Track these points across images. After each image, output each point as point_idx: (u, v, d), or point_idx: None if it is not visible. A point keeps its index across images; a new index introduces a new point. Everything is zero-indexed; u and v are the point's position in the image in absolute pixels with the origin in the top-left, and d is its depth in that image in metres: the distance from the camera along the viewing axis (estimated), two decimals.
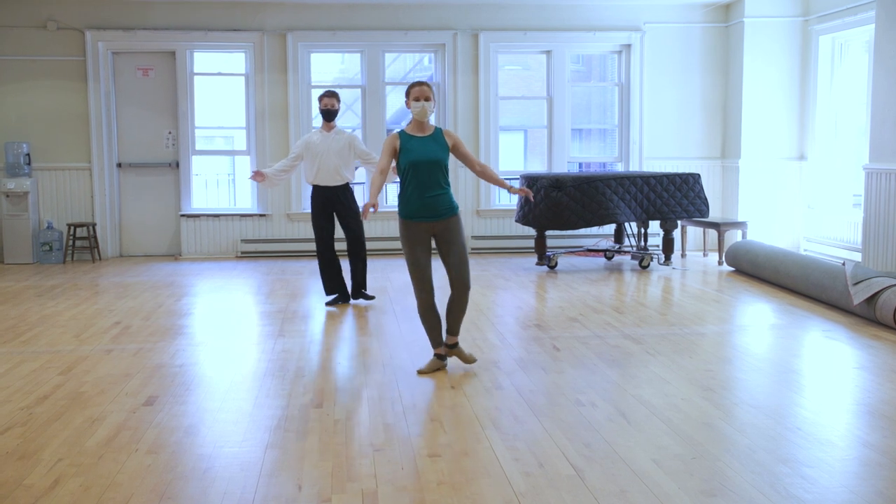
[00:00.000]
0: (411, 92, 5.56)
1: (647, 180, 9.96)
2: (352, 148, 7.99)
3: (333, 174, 7.92)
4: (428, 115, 5.56)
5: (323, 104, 8.04)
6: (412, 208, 5.51)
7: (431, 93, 5.56)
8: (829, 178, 11.02)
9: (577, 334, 6.72)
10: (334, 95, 8.10)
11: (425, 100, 5.52)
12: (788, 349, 6.42)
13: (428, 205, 5.50)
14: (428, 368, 5.74)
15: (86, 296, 8.68)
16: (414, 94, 5.54)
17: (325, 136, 7.99)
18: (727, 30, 11.77)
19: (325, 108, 8.02)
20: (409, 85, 5.62)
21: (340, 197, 7.98)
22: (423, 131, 5.59)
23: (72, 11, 11.15)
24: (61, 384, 5.43)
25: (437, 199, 5.51)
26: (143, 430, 4.54)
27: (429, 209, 5.51)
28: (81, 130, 11.30)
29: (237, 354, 6.29)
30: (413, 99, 5.54)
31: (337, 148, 7.92)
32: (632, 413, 4.77)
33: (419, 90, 5.53)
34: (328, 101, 8.03)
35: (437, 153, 5.53)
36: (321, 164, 7.91)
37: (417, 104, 5.52)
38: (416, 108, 5.53)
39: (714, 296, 8.54)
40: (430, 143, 5.55)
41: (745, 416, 4.71)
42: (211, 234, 11.57)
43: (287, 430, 4.55)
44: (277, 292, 8.86)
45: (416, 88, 5.54)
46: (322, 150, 7.92)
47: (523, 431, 4.49)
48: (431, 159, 5.49)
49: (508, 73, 15.65)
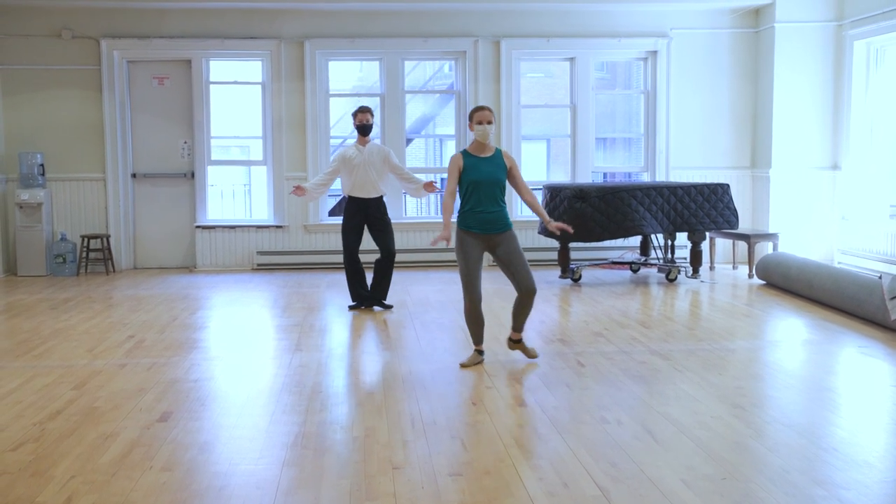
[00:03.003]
0: (474, 116, 6.18)
1: (675, 190, 9.92)
2: (386, 162, 8.40)
3: (370, 187, 8.34)
4: (489, 138, 6.17)
5: (357, 120, 8.43)
6: (471, 222, 6.13)
7: (493, 116, 6.20)
8: (865, 187, 10.94)
9: (603, 350, 6.69)
10: (368, 111, 8.48)
11: (487, 123, 6.14)
12: (823, 366, 6.36)
13: (486, 220, 6.12)
14: (469, 362, 6.31)
15: (99, 309, 8.74)
16: (477, 118, 6.16)
17: (360, 151, 8.37)
18: (757, 35, 11.72)
19: (359, 123, 8.42)
20: (472, 109, 6.24)
21: (374, 209, 8.36)
22: (484, 152, 6.20)
23: (87, 20, 11.26)
24: (74, 399, 5.46)
25: (494, 215, 6.13)
26: (157, 446, 4.56)
27: (486, 224, 6.12)
28: (96, 140, 11.39)
29: (253, 369, 6.31)
30: (476, 122, 6.16)
31: (373, 162, 8.33)
32: (659, 431, 4.74)
33: (482, 114, 6.16)
34: (362, 116, 8.42)
35: (496, 174, 6.15)
36: (357, 177, 8.31)
37: (480, 127, 6.15)
38: (478, 131, 6.15)
39: (744, 310, 8.48)
40: (491, 163, 6.16)
41: (778, 436, 4.67)
42: (226, 245, 11.62)
43: (304, 447, 4.55)
44: (294, 305, 8.88)
45: (479, 113, 6.17)
46: (359, 163, 8.30)
47: (547, 450, 4.47)
48: (492, 179, 6.12)
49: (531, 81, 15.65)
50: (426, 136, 16.96)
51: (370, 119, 8.44)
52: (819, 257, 11.02)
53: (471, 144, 6.25)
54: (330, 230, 11.64)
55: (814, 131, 11.34)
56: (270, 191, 11.70)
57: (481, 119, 6.14)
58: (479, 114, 6.16)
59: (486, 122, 6.13)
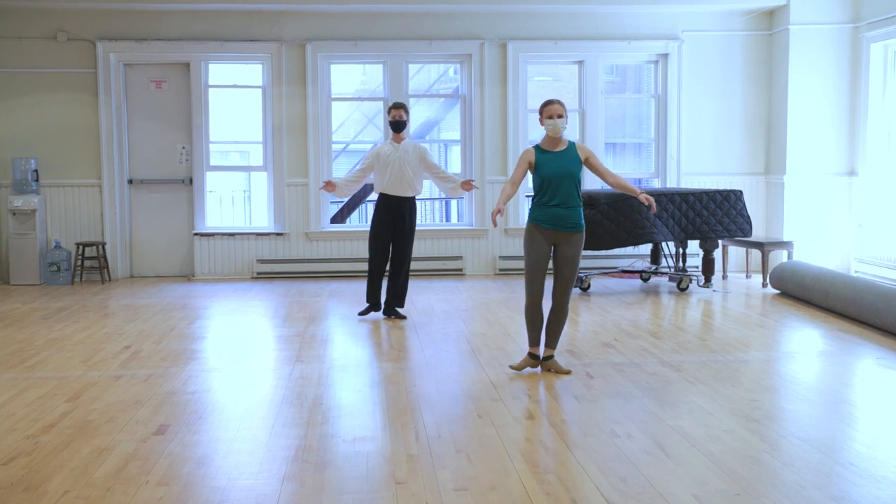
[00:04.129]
0: (545, 110, 6.20)
1: (686, 197, 9.91)
2: (422, 160, 8.40)
3: (404, 185, 8.34)
4: (561, 132, 6.18)
5: (391, 115, 8.45)
6: (541, 216, 6.18)
7: (564, 110, 6.19)
8: (882, 194, 10.92)
9: (612, 361, 6.67)
10: (402, 107, 8.49)
11: (558, 117, 6.14)
12: (839, 378, 6.34)
13: (557, 215, 6.15)
14: (520, 365, 6.37)
15: (94, 318, 8.75)
16: (547, 113, 6.18)
17: (395, 148, 8.37)
18: (771, 38, 11.73)
19: (393, 119, 8.43)
20: (543, 103, 6.26)
21: (405, 210, 8.37)
22: (557, 146, 6.22)
23: (82, 22, 11.30)
24: (68, 412, 5.45)
25: (567, 211, 6.14)
26: (153, 460, 4.55)
27: (557, 219, 6.15)
28: (91, 145, 11.41)
29: (252, 381, 6.30)
30: (546, 117, 6.18)
31: (408, 159, 8.33)
32: (671, 445, 4.73)
33: (553, 108, 6.17)
34: (396, 112, 8.43)
35: (570, 168, 6.15)
36: (392, 175, 8.31)
37: (551, 122, 6.16)
38: (549, 125, 6.17)
39: (758, 320, 8.47)
40: (564, 157, 6.18)
41: (793, 450, 4.65)
42: (225, 253, 11.63)
43: (305, 461, 4.54)
44: (295, 315, 8.88)
45: (550, 107, 6.19)
46: (393, 160, 8.31)
47: (555, 464, 4.46)
48: (565, 173, 6.12)
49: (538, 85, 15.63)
50: (431, 140, 16.93)
51: (404, 115, 8.43)
52: (835, 266, 11.00)
53: (543, 139, 6.27)
54: (332, 238, 11.65)
55: (829, 136, 11.33)
56: (271, 197, 11.71)
57: (552, 113, 6.15)
58: (550, 108, 6.18)
59: (557, 115, 6.13)
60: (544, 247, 6.21)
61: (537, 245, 6.21)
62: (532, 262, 6.23)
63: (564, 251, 6.20)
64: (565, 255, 6.20)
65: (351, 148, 16.42)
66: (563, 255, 6.21)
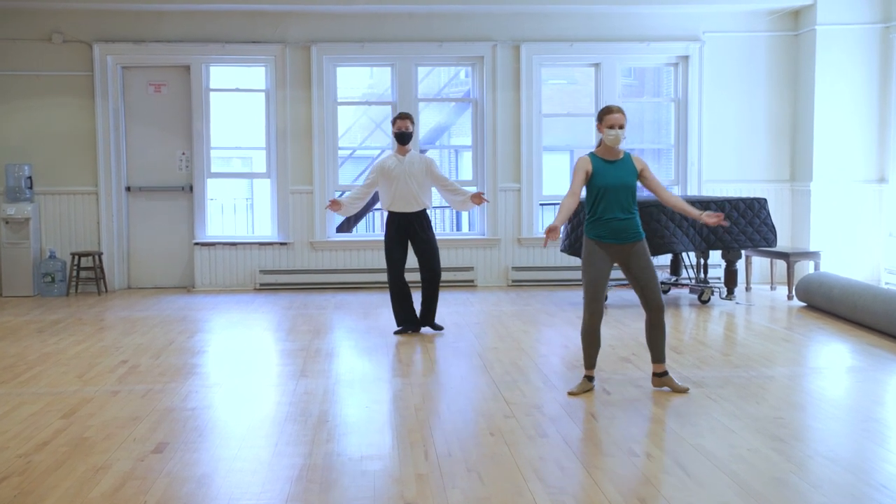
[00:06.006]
0: (605, 119, 6.13)
1: (707, 206, 9.88)
2: (429, 172, 8.30)
3: (411, 200, 8.24)
4: (621, 143, 6.14)
5: (396, 126, 8.35)
6: (602, 231, 6.11)
7: (625, 119, 6.14)
8: None
9: (630, 376, 6.66)
10: (408, 117, 8.39)
11: (619, 127, 6.09)
12: (869, 395, 6.32)
13: (617, 228, 6.09)
14: (578, 389, 6.24)
15: (90, 332, 8.77)
16: (608, 122, 6.11)
17: (400, 161, 8.27)
18: (797, 39, 11.72)
19: (398, 130, 8.33)
20: (602, 110, 6.22)
21: (416, 224, 8.27)
22: (614, 156, 6.17)
23: (78, 23, 11.36)
24: (63, 429, 5.47)
25: (626, 222, 6.10)
26: (151, 479, 4.56)
27: (618, 232, 6.10)
28: (88, 151, 11.46)
29: (255, 397, 6.31)
30: (607, 126, 6.11)
31: (414, 172, 8.23)
32: (692, 465, 4.71)
33: (614, 118, 6.10)
34: (402, 123, 8.33)
35: (627, 178, 6.13)
36: (397, 189, 8.21)
37: (612, 132, 6.09)
38: (610, 135, 6.10)
39: (783, 334, 8.44)
40: (622, 168, 6.15)
41: (821, 471, 4.63)
42: (227, 264, 11.66)
43: (310, 480, 4.54)
44: (299, 328, 8.89)
45: (611, 116, 6.12)
46: (398, 174, 8.22)
47: (570, 484, 4.45)
48: (625, 184, 6.10)
49: (553, 88, 15.67)
50: (441, 146, 16.98)
51: (410, 126, 8.33)
52: (864, 277, 10.97)
53: (598, 147, 6.23)
54: (338, 248, 11.67)
55: (858, 142, 11.31)
56: (274, 205, 11.74)
57: (613, 123, 6.09)
58: (611, 117, 6.11)
59: (619, 126, 6.08)
60: (606, 264, 6.12)
61: (598, 262, 6.12)
62: (593, 281, 6.12)
63: (634, 263, 6.12)
64: (637, 265, 6.12)
65: (358, 154, 16.46)
66: (636, 266, 6.12)
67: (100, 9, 11.26)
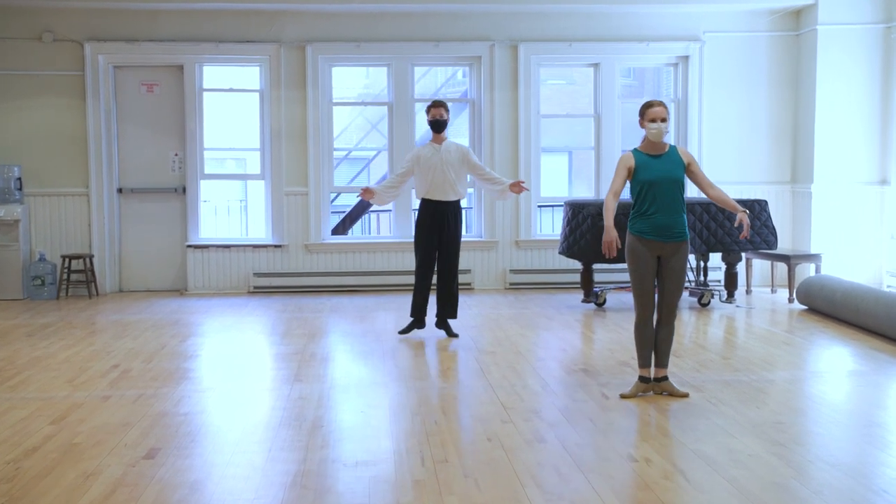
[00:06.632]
0: (647, 113, 6.13)
1: (707, 208, 9.91)
2: (465, 161, 8.32)
3: (447, 189, 8.26)
4: (664, 136, 6.11)
5: (431, 115, 8.36)
6: (645, 227, 6.09)
7: (667, 112, 6.13)
8: None
9: (629, 380, 6.65)
10: (442, 105, 8.41)
11: (661, 121, 6.08)
12: (871, 399, 6.32)
13: (663, 225, 6.07)
14: (632, 392, 6.23)
15: (81, 336, 8.76)
16: (650, 116, 6.11)
17: (436, 150, 8.30)
18: (798, 39, 11.74)
19: (433, 118, 8.35)
20: (643, 104, 6.21)
21: (450, 215, 8.28)
22: (658, 150, 6.16)
23: (70, 22, 11.35)
24: (52, 435, 5.46)
25: (672, 219, 6.07)
26: (143, 486, 4.56)
27: (664, 229, 6.07)
28: (79, 152, 11.44)
29: (248, 401, 6.31)
30: (649, 120, 6.11)
31: (451, 161, 8.25)
32: (691, 470, 4.72)
33: (656, 111, 6.10)
34: (436, 111, 8.35)
35: (675, 171, 6.12)
36: (434, 178, 8.23)
37: (654, 125, 6.09)
38: (652, 129, 6.10)
39: (784, 338, 8.45)
40: (668, 161, 6.14)
41: (822, 476, 4.64)
42: (220, 266, 11.65)
43: (304, 486, 4.54)
44: (294, 332, 8.88)
45: (652, 110, 6.12)
46: (435, 163, 8.24)
47: (569, 490, 4.45)
48: (671, 178, 6.09)
49: (551, 89, 15.69)
50: None
51: (445, 115, 8.34)
52: (866, 280, 10.97)
53: (642, 142, 6.21)
54: (333, 250, 11.67)
55: (860, 143, 11.32)
56: (269, 207, 11.73)
57: (655, 116, 6.08)
58: (653, 110, 6.10)
59: (661, 119, 6.06)
60: (651, 260, 6.10)
61: (643, 259, 6.10)
62: (640, 278, 6.12)
63: (672, 264, 6.10)
64: (672, 267, 6.10)
65: (353, 155, 16.47)
66: (671, 268, 6.10)
67: (91, 7, 11.25)
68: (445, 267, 8.35)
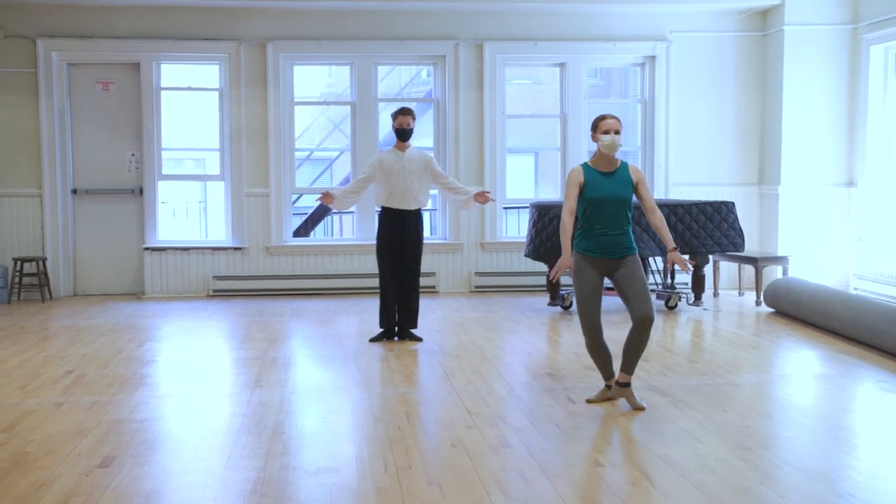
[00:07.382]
0: (600, 125, 6.02)
1: (674, 209, 9.98)
2: (429, 170, 8.31)
3: (409, 197, 8.24)
4: (617, 150, 6.00)
5: (397, 122, 8.32)
6: (593, 244, 6.02)
7: (621, 125, 6.02)
8: (883, 206, 11.03)
9: (596, 385, 6.68)
10: (409, 113, 8.37)
11: (615, 133, 5.97)
12: (838, 403, 6.39)
13: (607, 243, 6.00)
14: (598, 397, 6.25)
15: (34, 341, 8.67)
16: (603, 128, 5.99)
17: (399, 157, 8.27)
18: (765, 39, 11.85)
19: (400, 126, 8.31)
20: (596, 118, 6.08)
21: (410, 224, 8.27)
22: (608, 166, 6.05)
23: (22, 18, 11.22)
24: (3, 443, 5.39)
25: (617, 238, 6.00)
26: (97, 495, 4.51)
27: (607, 247, 6.00)
28: (31, 152, 11.32)
29: (207, 408, 6.27)
30: (602, 132, 5.99)
31: (414, 169, 8.23)
32: (658, 475, 4.75)
33: (609, 123, 5.99)
34: (403, 119, 8.31)
35: (623, 191, 6.01)
36: (396, 186, 8.21)
37: (607, 137, 5.97)
38: (605, 141, 5.98)
39: (751, 341, 8.52)
40: (617, 180, 6.03)
41: (789, 480, 4.68)
42: (178, 269, 11.57)
43: (264, 495, 4.52)
44: (254, 336, 8.84)
45: (606, 121, 6.01)
46: (397, 170, 8.20)
47: (534, 496, 4.46)
48: (619, 198, 5.98)
49: (517, 89, 15.73)
50: None
51: (411, 123, 8.31)
52: (833, 283, 11.09)
53: (593, 157, 6.11)
54: (294, 253, 11.63)
55: (827, 144, 11.44)
56: (228, 209, 11.67)
57: (608, 128, 5.97)
58: (605, 122, 6.00)
59: (615, 131, 5.97)
60: (595, 278, 6.03)
61: (587, 276, 6.02)
62: (584, 296, 6.04)
63: (622, 272, 6.00)
64: (625, 275, 6.00)
65: (315, 156, 16.43)
66: (623, 276, 6.00)
67: (44, 2, 11.13)
68: (407, 276, 8.35)
